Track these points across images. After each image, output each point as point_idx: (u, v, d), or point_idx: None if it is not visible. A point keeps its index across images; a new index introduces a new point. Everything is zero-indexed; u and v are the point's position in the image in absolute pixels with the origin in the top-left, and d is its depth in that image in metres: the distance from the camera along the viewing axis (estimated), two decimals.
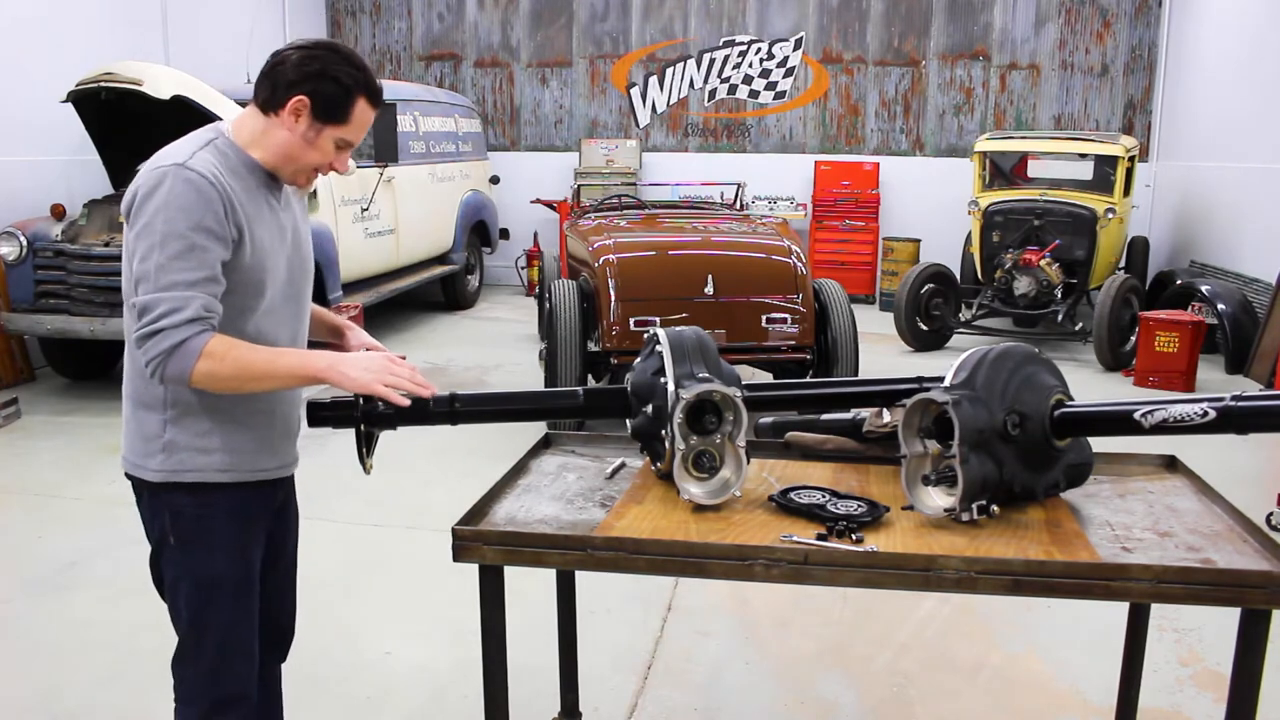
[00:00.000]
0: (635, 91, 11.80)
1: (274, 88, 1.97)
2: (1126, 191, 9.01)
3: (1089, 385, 7.28)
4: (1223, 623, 2.10)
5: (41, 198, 7.06)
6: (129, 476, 2.08)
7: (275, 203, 2.07)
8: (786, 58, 11.51)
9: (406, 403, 2.01)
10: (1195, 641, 3.60)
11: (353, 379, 1.97)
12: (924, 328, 8.70)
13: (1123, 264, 9.90)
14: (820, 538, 1.91)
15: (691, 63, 11.68)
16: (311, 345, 2.24)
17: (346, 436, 2.17)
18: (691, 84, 11.72)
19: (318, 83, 1.95)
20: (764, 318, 5.82)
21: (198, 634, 2.07)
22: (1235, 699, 1.82)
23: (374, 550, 4.42)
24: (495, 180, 11.26)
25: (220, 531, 2.05)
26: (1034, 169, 9.75)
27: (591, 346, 5.88)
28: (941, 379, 2.12)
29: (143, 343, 1.87)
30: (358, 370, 1.99)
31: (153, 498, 2.05)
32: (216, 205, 1.89)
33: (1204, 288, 8.15)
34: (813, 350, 5.89)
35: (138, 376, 2.03)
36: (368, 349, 2.20)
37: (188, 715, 2.11)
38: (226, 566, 2.07)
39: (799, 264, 6.03)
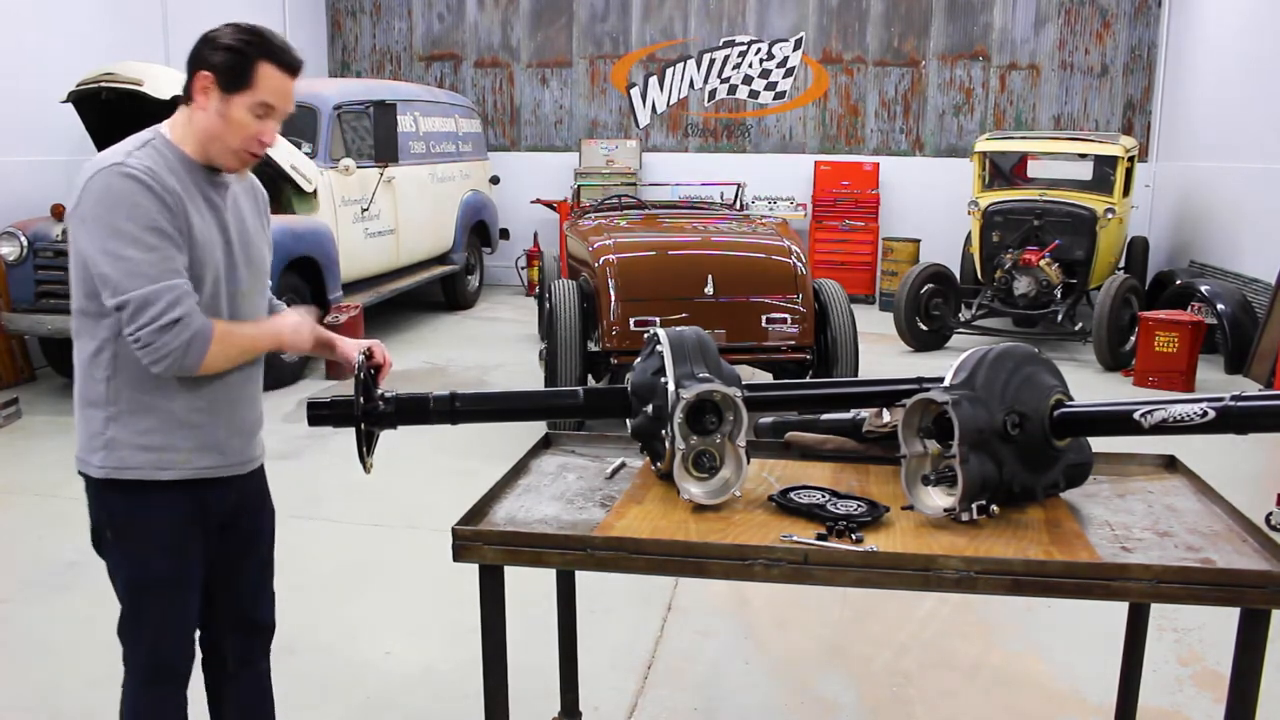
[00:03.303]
0: (635, 92, 11.80)
1: (188, 76, 2.02)
2: (1126, 192, 9.02)
3: (1089, 385, 7.28)
4: (1223, 623, 2.10)
5: (41, 198, 7.06)
6: (80, 472, 2.12)
7: (218, 200, 2.09)
8: (786, 58, 11.51)
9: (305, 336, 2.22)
10: (1195, 641, 3.60)
11: (302, 337, 2.19)
12: (924, 328, 8.70)
13: (1122, 264, 9.90)
14: (820, 538, 1.91)
15: (691, 63, 11.68)
16: (305, 359, 2.28)
17: (346, 436, 2.17)
18: (691, 84, 11.72)
19: (215, 55, 1.99)
20: (764, 318, 5.82)
21: (135, 619, 2.14)
22: (1235, 699, 1.82)
23: (374, 550, 4.42)
24: (495, 180, 11.26)
25: (155, 531, 2.09)
26: (1034, 169, 9.75)
27: (591, 346, 5.88)
28: (941, 379, 2.12)
29: (156, 336, 1.90)
30: (297, 327, 2.19)
31: (96, 492, 2.11)
32: (164, 197, 1.94)
33: (1203, 288, 8.15)
34: (813, 350, 5.89)
35: (84, 376, 2.07)
36: (361, 351, 2.22)
37: (131, 680, 2.19)
38: (161, 564, 2.11)
39: (799, 264, 6.04)
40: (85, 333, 2.04)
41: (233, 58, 1.97)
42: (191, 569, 2.16)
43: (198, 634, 2.28)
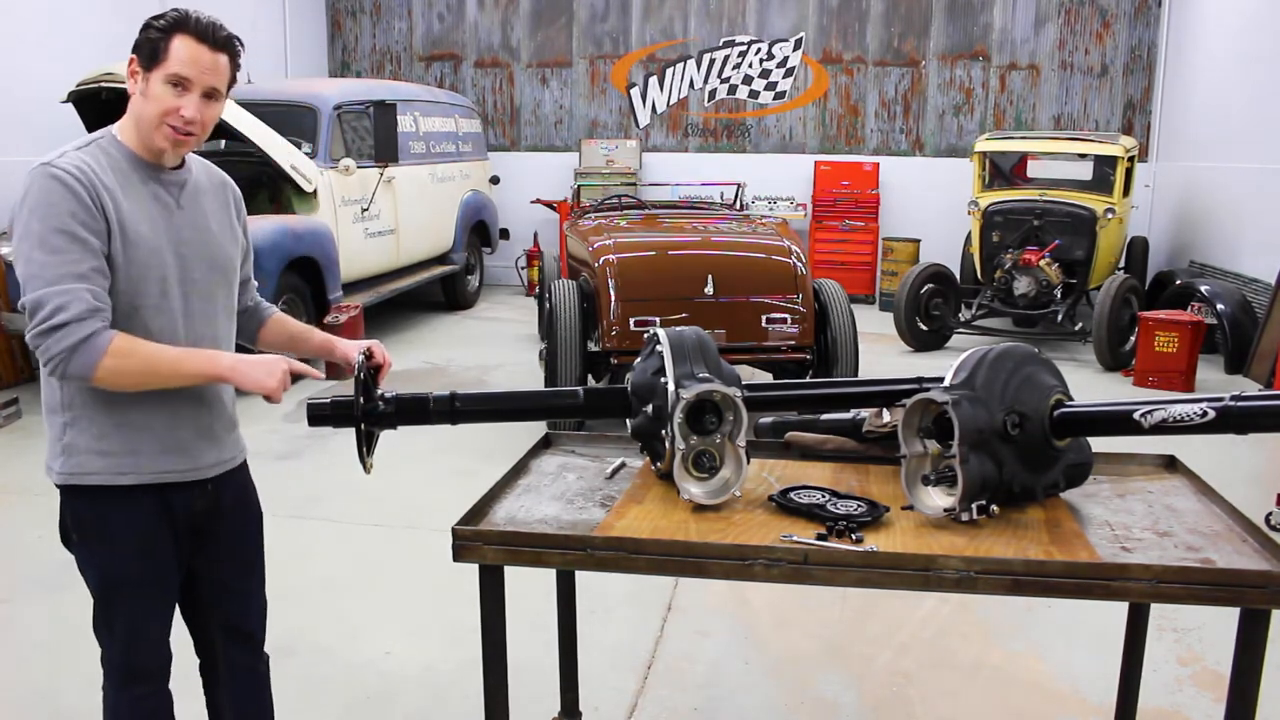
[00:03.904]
0: (635, 92, 11.80)
1: None
2: (1126, 192, 9.02)
3: (1089, 385, 7.28)
4: (1223, 623, 2.10)
5: None
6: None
7: (168, 198, 2.07)
8: (786, 58, 11.51)
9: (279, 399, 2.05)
10: (1195, 641, 3.60)
11: (253, 380, 1.99)
12: (924, 328, 8.70)
13: (1122, 264, 9.90)
14: (820, 538, 1.91)
15: (691, 63, 11.68)
16: (305, 360, 2.23)
17: (346, 436, 2.17)
18: (691, 84, 11.72)
19: (139, 38, 1.99)
20: (764, 318, 5.83)
21: (106, 619, 2.14)
22: (1234, 698, 1.82)
23: (374, 550, 4.42)
24: (495, 180, 11.27)
25: (119, 535, 2.07)
26: (1034, 169, 9.75)
27: (591, 346, 5.88)
28: (941, 379, 2.12)
29: (41, 340, 1.88)
30: (259, 373, 2.00)
31: (61, 496, 2.10)
32: (83, 196, 1.91)
33: (1203, 288, 8.16)
34: (812, 350, 5.89)
35: (45, 380, 2.05)
36: (361, 352, 2.20)
37: (109, 682, 2.20)
38: (129, 566, 2.09)
39: (799, 264, 6.04)
40: None
41: (153, 35, 1.98)
42: (161, 571, 2.13)
43: (191, 640, 2.28)
